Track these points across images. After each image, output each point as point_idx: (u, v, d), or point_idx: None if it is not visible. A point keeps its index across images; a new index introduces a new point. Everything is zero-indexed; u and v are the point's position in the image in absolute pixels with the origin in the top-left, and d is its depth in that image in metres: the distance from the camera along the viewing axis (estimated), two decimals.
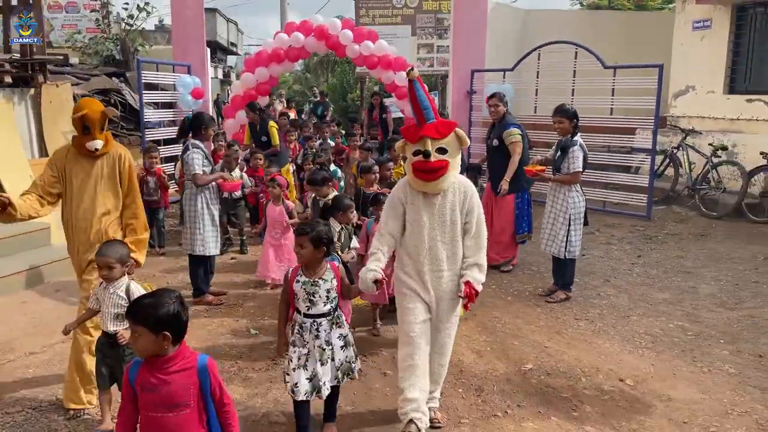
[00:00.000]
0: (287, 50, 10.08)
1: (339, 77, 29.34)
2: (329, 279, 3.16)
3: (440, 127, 3.16)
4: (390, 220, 3.30)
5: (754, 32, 9.96)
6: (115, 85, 10.03)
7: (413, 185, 3.25)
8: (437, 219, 3.22)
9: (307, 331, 3.12)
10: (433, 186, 3.17)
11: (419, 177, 3.16)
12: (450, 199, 3.22)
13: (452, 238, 3.25)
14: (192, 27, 10.05)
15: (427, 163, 3.09)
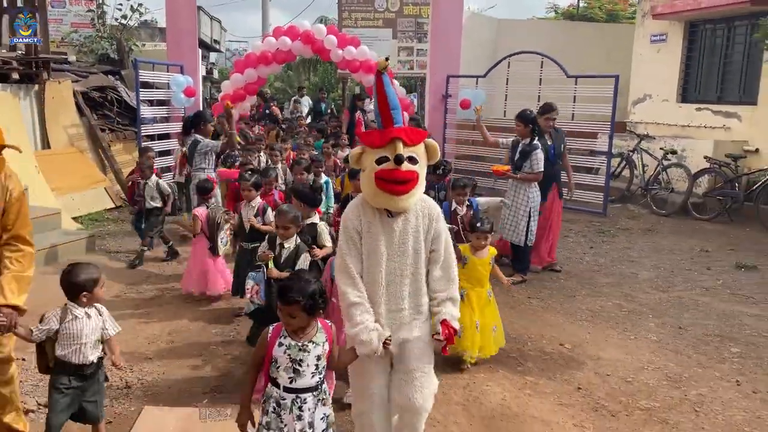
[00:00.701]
0: (275, 53, 10.73)
1: (321, 77, 30.01)
2: (321, 342, 2.53)
3: (410, 133, 2.68)
4: (353, 260, 2.75)
5: (704, 47, 10.92)
6: (112, 82, 10.62)
7: (373, 201, 2.73)
8: (397, 248, 2.73)
9: (287, 410, 2.47)
10: (400, 202, 2.68)
11: (385, 189, 2.63)
12: (413, 224, 2.75)
13: (415, 270, 2.77)
14: (185, 29, 10.66)
15: (398, 172, 2.60)
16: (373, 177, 2.65)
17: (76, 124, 9.53)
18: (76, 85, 9.71)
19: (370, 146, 2.71)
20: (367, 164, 2.72)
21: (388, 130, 2.66)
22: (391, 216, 2.74)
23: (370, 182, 2.68)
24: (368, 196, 2.75)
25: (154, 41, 18.98)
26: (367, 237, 2.75)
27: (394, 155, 2.60)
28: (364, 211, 2.77)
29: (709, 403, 3.94)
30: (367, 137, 2.79)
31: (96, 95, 10.11)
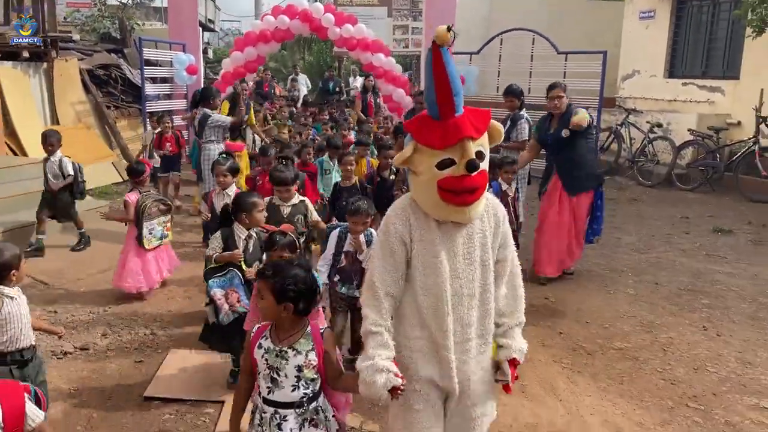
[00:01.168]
0: (273, 32, 11.02)
1: (316, 56, 30.07)
2: (303, 351, 2.20)
3: (476, 122, 2.11)
4: (387, 273, 2.20)
5: (690, 23, 11.27)
6: (115, 60, 10.91)
7: (434, 213, 2.17)
8: (463, 261, 2.18)
9: (266, 425, 2.21)
10: (470, 212, 2.15)
11: (452, 201, 2.10)
12: (478, 228, 2.21)
13: (484, 289, 2.22)
14: (187, 9, 10.94)
15: (469, 180, 2.06)
16: (435, 187, 2.08)
17: (83, 101, 9.84)
18: (81, 63, 10.02)
19: (428, 146, 2.09)
20: (422, 168, 2.13)
21: (452, 124, 2.06)
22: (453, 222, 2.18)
23: (430, 192, 2.11)
24: (426, 207, 2.18)
25: (150, 21, 19.18)
26: (420, 248, 2.17)
27: (466, 161, 2.03)
28: (415, 214, 2.19)
29: (677, 345, 4.39)
30: (424, 133, 2.12)
31: (101, 73, 10.42)
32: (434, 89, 2.05)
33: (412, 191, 2.24)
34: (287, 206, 4.28)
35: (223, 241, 3.60)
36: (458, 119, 2.07)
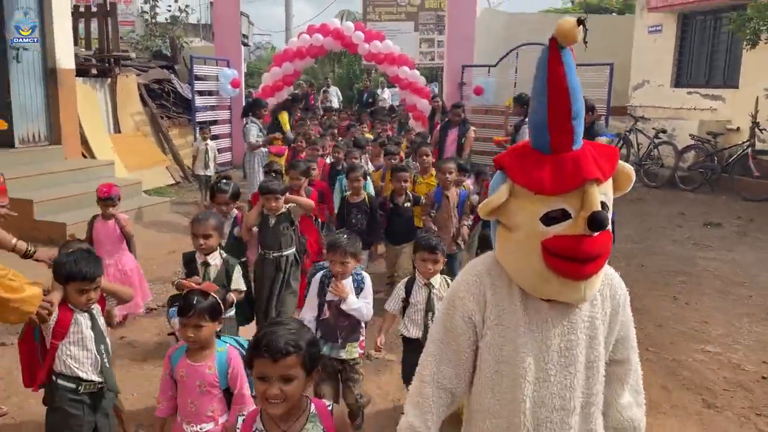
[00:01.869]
0: (308, 48, 12.14)
1: (346, 68, 31.30)
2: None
3: (600, 158, 1.51)
4: (444, 363, 1.66)
5: (694, 36, 12.06)
6: (167, 75, 12.14)
7: (532, 286, 1.56)
8: (557, 359, 1.57)
9: None
10: (584, 290, 1.52)
11: (563, 270, 1.47)
12: (586, 315, 1.59)
13: (587, 401, 1.61)
14: (231, 29, 12.17)
15: (591, 242, 1.45)
16: (538, 249, 1.49)
17: (140, 112, 11.05)
18: (138, 78, 11.23)
19: (533, 190, 1.50)
20: (519, 221, 1.54)
21: (569, 161, 1.48)
22: (548, 301, 1.57)
23: (528, 256, 1.52)
24: (519, 277, 1.58)
25: (189, 37, 20.55)
26: (495, 336, 1.60)
27: (588, 215, 1.43)
28: (495, 285, 1.61)
29: (647, 310, 5.27)
30: (526, 171, 1.52)
31: (155, 87, 11.62)
32: (546, 107, 1.46)
33: (499, 252, 1.62)
34: (273, 217, 4.17)
35: (185, 265, 3.45)
36: (578, 154, 1.47)
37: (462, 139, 8.09)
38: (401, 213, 5.23)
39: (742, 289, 5.88)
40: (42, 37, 7.96)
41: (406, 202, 5.25)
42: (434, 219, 5.04)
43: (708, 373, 4.21)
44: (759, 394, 3.93)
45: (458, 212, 5.08)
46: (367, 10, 21.03)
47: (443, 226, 5.00)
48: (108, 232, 4.60)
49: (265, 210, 4.17)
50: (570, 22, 1.44)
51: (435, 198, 5.08)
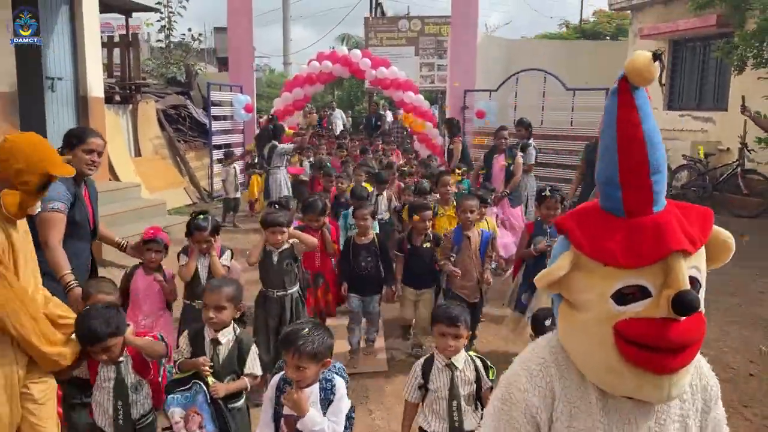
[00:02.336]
0: (318, 74, 12.75)
1: (347, 90, 32.05)
2: None
3: (689, 222, 1.27)
4: None
5: (685, 62, 12.69)
6: (183, 101, 12.70)
7: (604, 380, 1.30)
8: None
9: None
10: (670, 386, 1.24)
11: (642, 363, 1.22)
12: (676, 412, 1.36)
13: None
14: (244, 55, 12.77)
15: (677, 328, 1.20)
16: (610, 334, 1.24)
17: (159, 136, 11.58)
18: (156, 104, 11.78)
19: (603, 261, 1.24)
20: (586, 298, 1.29)
21: (649, 227, 1.23)
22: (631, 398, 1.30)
23: (598, 343, 1.26)
24: (588, 367, 1.32)
25: (200, 63, 21.19)
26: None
27: (673, 295, 1.17)
28: (564, 376, 1.35)
29: None
30: (593, 237, 1.27)
31: (172, 112, 12.17)
32: (617, 161, 1.24)
33: (563, 335, 1.38)
34: (276, 253, 3.98)
35: (191, 341, 2.81)
36: (660, 217, 1.24)
37: (510, 166, 7.44)
38: (421, 254, 4.62)
39: (732, 298, 6.37)
40: (74, 66, 8.50)
41: (426, 242, 4.62)
42: (455, 263, 4.50)
43: None
44: (746, 389, 4.40)
45: (481, 254, 4.55)
46: (369, 36, 21.71)
47: (465, 271, 4.49)
48: (148, 287, 3.81)
49: (267, 246, 3.97)
50: (644, 58, 1.19)
51: (454, 239, 4.55)
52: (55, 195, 3.22)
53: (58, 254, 3.19)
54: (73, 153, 3.35)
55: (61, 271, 3.19)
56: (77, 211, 3.37)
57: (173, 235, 8.58)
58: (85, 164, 3.39)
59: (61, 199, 3.27)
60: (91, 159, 3.42)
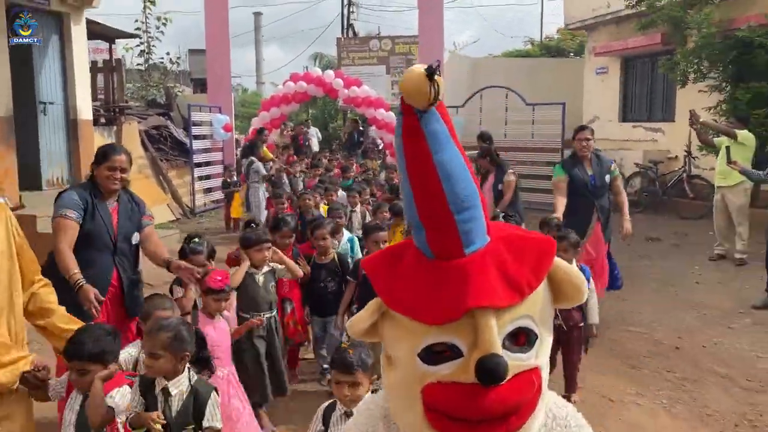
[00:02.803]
0: (293, 94, 13.42)
1: (320, 108, 32.76)
2: None
3: (513, 260, 1.07)
4: None
5: (636, 77, 13.66)
6: (164, 122, 13.27)
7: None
8: None
9: None
10: None
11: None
12: None
13: None
14: (223, 78, 13.41)
15: (486, 397, 1.00)
16: (420, 399, 1.06)
17: (142, 156, 12.11)
18: (139, 125, 12.33)
19: (404, 314, 1.08)
20: (397, 353, 1.13)
21: (453, 272, 1.05)
22: None
23: (411, 406, 1.09)
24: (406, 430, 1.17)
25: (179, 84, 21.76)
26: None
27: (479, 358, 1.00)
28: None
29: None
30: (396, 287, 1.10)
31: (154, 133, 12.73)
32: (412, 196, 1.08)
33: (385, 390, 1.24)
34: (260, 274, 3.89)
35: (142, 391, 2.48)
36: (468, 263, 1.04)
37: (499, 186, 7.05)
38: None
39: (671, 288, 7.15)
40: (65, 91, 9.08)
41: None
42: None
43: (635, 346, 5.40)
44: (672, 359, 5.12)
45: None
46: (341, 55, 22.43)
47: None
48: (221, 335, 3.38)
49: (249, 268, 3.83)
50: (415, 74, 1.01)
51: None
52: (67, 203, 3.42)
53: (64, 257, 3.30)
54: (98, 170, 3.53)
55: (69, 272, 3.27)
56: (90, 221, 3.46)
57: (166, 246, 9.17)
58: (108, 179, 3.51)
59: (72, 206, 3.41)
60: (114, 176, 3.51)
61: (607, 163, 5.61)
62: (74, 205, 3.41)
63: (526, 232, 1.17)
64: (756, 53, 9.28)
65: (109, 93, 11.56)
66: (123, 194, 3.67)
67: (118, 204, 3.61)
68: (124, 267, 3.59)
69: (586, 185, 5.43)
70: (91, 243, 3.46)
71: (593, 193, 5.47)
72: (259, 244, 3.84)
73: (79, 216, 3.41)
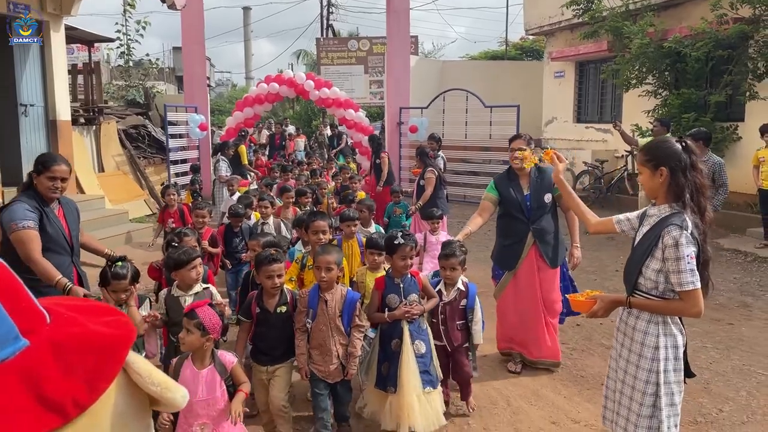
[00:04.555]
0: (266, 95, 14.14)
1: (304, 106, 33.41)
2: None
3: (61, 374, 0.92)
4: None
5: (589, 81, 14.51)
6: (142, 121, 13.95)
7: None
8: None
9: None
10: None
11: None
12: None
13: None
14: (198, 78, 14.09)
15: None
16: None
17: (120, 153, 12.80)
18: (118, 124, 13.01)
19: None
20: None
21: None
22: None
23: None
24: None
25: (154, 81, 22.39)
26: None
27: None
28: None
29: None
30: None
31: (132, 132, 13.41)
32: None
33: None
34: (189, 296, 3.55)
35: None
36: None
37: (421, 181, 7.70)
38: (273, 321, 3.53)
39: (591, 275, 7.97)
40: (44, 94, 9.74)
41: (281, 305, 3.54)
42: (311, 336, 3.50)
43: None
44: (570, 334, 5.92)
45: (345, 320, 3.49)
46: (320, 55, 23.10)
47: (320, 345, 3.49)
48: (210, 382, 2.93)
49: (177, 291, 3.61)
50: None
51: (309, 302, 3.51)
52: (21, 215, 3.45)
53: (44, 265, 3.39)
54: (39, 179, 3.59)
55: (53, 279, 3.35)
56: (48, 227, 3.57)
57: (135, 239, 9.89)
58: (48, 189, 3.60)
59: (28, 217, 3.47)
60: (53, 185, 3.59)
61: (550, 179, 4.54)
62: (30, 216, 3.48)
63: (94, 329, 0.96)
64: (688, 62, 10.13)
65: (88, 94, 12.21)
66: (60, 197, 3.79)
67: (61, 207, 3.77)
68: (78, 265, 3.83)
69: (519, 206, 4.66)
70: (51, 248, 3.56)
71: (527, 215, 4.67)
72: (188, 263, 3.57)
73: (36, 225, 3.50)
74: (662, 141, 2.76)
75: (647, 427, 2.58)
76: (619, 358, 2.73)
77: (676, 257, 2.45)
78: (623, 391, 2.69)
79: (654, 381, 2.56)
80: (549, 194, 4.68)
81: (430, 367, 3.69)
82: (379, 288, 3.70)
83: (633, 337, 2.66)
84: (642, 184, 2.77)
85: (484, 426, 4.15)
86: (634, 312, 2.69)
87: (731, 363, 5.14)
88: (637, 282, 2.67)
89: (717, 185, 6.95)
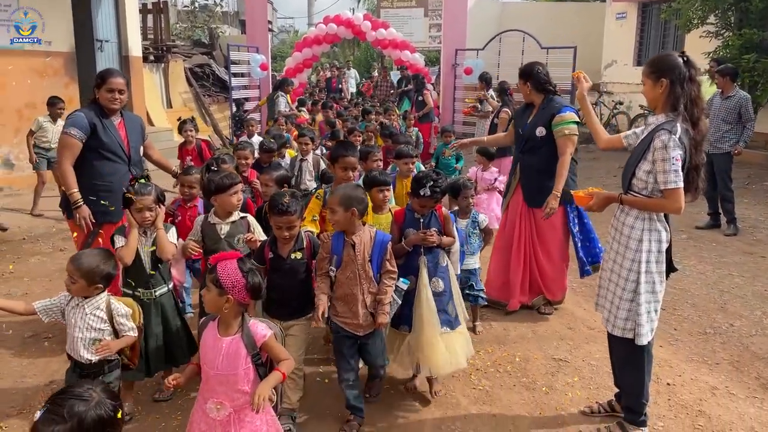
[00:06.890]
0: (324, 36, 14.44)
1: (364, 52, 33.48)
2: None
3: None
4: None
5: (651, 23, 14.09)
6: (207, 60, 14.58)
7: None
8: None
9: None
10: None
11: None
12: None
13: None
14: (260, 20, 14.54)
15: None
16: None
17: (187, 91, 13.51)
18: (184, 63, 13.68)
19: None
20: None
21: None
22: None
23: None
24: None
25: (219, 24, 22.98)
26: None
27: None
28: None
29: None
30: None
31: (198, 70, 14.08)
32: None
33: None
34: (226, 224, 3.41)
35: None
36: None
37: (495, 120, 8.24)
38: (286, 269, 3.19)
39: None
40: (118, 30, 10.40)
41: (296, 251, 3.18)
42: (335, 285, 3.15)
43: None
44: None
45: (374, 265, 3.14)
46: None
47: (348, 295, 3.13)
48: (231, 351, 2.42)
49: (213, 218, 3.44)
50: None
51: (333, 248, 3.14)
52: (74, 121, 3.71)
53: (65, 173, 3.71)
54: (100, 93, 3.80)
55: (69, 189, 3.70)
56: (103, 136, 3.78)
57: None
58: (108, 100, 3.79)
59: (78, 125, 3.70)
60: (112, 96, 3.79)
61: (554, 111, 4.28)
62: (80, 125, 3.70)
63: None
64: (751, 0, 9.79)
65: (157, 33, 12.86)
66: (123, 112, 4.01)
67: (122, 119, 3.97)
68: (136, 175, 3.78)
69: (519, 136, 4.54)
70: (106, 156, 3.83)
71: (518, 145, 4.55)
72: (230, 188, 3.37)
73: (82, 135, 3.71)
74: (665, 55, 3.00)
75: (627, 309, 2.94)
76: (610, 250, 3.06)
77: (662, 158, 2.75)
78: (611, 278, 3.04)
79: (636, 269, 2.90)
80: (542, 128, 4.33)
81: (449, 306, 3.38)
82: (399, 221, 3.46)
83: (622, 231, 2.98)
84: (644, 94, 3.02)
85: (504, 327, 4.56)
86: (625, 209, 2.99)
87: (753, 288, 5.33)
88: (631, 182, 2.96)
89: (744, 120, 6.87)
